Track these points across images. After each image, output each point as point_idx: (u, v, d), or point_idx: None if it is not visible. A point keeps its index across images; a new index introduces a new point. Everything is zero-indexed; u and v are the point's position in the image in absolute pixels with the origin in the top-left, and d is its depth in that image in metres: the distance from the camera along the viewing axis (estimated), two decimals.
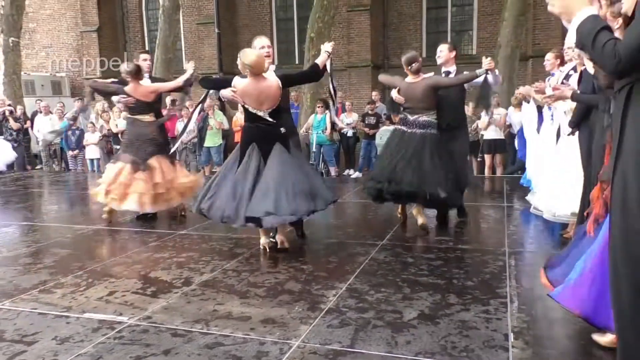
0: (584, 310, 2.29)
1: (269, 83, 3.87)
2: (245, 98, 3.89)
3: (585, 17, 1.70)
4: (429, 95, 4.55)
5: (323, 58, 4.08)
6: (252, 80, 3.84)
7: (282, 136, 3.95)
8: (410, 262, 3.76)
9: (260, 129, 3.93)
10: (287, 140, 3.99)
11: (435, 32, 15.90)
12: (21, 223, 5.47)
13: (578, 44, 1.75)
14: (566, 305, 2.37)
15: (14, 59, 13.74)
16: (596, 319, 2.27)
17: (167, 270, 3.72)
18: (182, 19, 16.43)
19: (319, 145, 9.89)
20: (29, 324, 2.82)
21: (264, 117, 3.90)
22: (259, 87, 3.84)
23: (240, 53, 3.80)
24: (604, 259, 2.21)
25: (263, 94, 3.86)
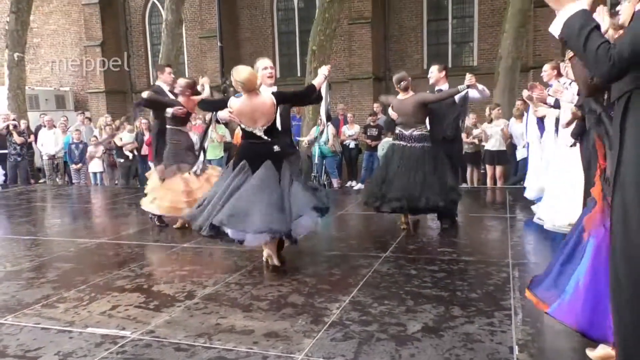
0: (580, 324, 2.29)
1: (262, 100, 3.85)
2: (240, 117, 3.87)
3: (575, 12, 1.69)
4: (418, 110, 4.99)
5: (320, 80, 4.13)
6: (245, 97, 3.83)
7: (274, 155, 3.87)
8: (413, 274, 3.74)
9: (254, 146, 3.91)
10: (280, 159, 3.90)
11: (436, 44, 15.99)
12: (24, 237, 5.48)
13: (563, 36, 1.74)
14: (563, 320, 2.37)
15: (18, 73, 13.87)
16: (592, 332, 2.27)
17: (169, 283, 3.72)
18: (185, 32, 16.59)
19: (321, 157, 9.91)
20: (32, 339, 2.82)
21: (259, 134, 3.86)
22: (252, 104, 3.82)
23: (233, 70, 3.81)
24: (595, 273, 2.21)
25: (257, 111, 3.83)
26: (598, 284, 2.22)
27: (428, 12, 15.80)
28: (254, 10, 17.01)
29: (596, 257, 2.24)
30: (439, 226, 5.22)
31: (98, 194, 9.39)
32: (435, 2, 15.82)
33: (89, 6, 17.70)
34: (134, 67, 18.73)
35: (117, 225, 6.33)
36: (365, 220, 6.09)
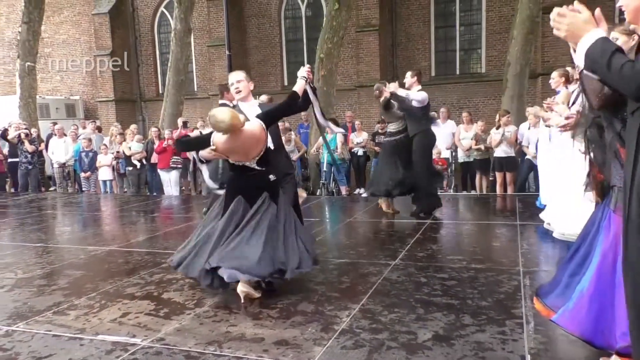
0: (584, 332, 2.27)
1: (251, 130, 3.41)
2: (230, 154, 3.48)
3: (595, 41, 1.68)
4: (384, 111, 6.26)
5: (300, 85, 3.82)
6: (232, 137, 3.36)
7: (271, 184, 3.58)
8: (423, 282, 3.73)
9: (248, 178, 3.55)
10: (276, 187, 3.64)
11: (443, 51, 16.01)
12: (35, 244, 5.52)
13: (588, 68, 1.73)
14: (567, 328, 2.35)
15: (29, 82, 14.04)
16: (596, 340, 2.25)
17: (179, 291, 3.73)
18: (194, 41, 16.74)
19: (330, 164, 9.91)
20: (44, 346, 2.84)
21: (251, 166, 3.50)
22: (242, 139, 3.39)
23: (209, 118, 3.28)
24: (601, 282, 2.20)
25: (249, 144, 3.44)
26: (603, 292, 2.20)
27: (436, 19, 15.84)
28: (262, 19, 17.15)
29: (602, 265, 2.22)
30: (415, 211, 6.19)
31: (108, 201, 9.45)
32: (442, 10, 15.86)
33: (99, 16, 17.93)
34: (143, 76, 18.90)
35: (127, 232, 6.37)
36: (374, 227, 6.08)
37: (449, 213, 7.00)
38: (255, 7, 17.17)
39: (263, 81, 17.12)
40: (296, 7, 17.12)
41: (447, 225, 6.06)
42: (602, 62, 1.62)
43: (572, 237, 4.20)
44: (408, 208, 6.46)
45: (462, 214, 7.14)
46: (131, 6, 18.49)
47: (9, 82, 18.89)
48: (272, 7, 17.05)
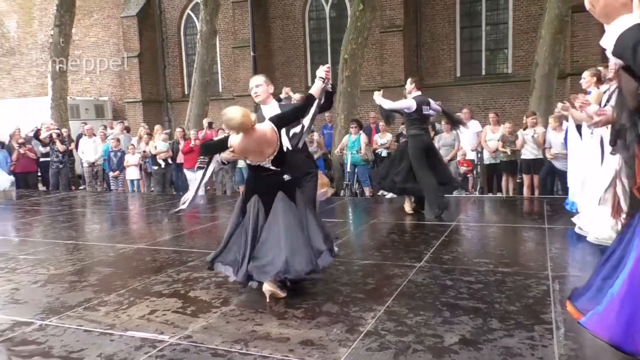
0: (613, 336, 2.21)
1: (262, 131, 3.49)
2: (246, 154, 3.57)
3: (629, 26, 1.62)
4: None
5: (317, 86, 3.80)
6: (245, 136, 3.47)
7: (286, 184, 3.61)
8: (449, 284, 3.69)
9: (263, 179, 3.61)
10: (292, 187, 3.66)
11: (469, 51, 15.82)
12: (66, 241, 5.65)
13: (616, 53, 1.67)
14: (595, 331, 2.29)
15: (60, 84, 14.39)
16: (625, 345, 2.19)
17: (206, 290, 3.77)
18: (219, 43, 16.91)
19: (353, 165, 9.90)
20: (75, 340, 2.90)
21: (266, 166, 3.56)
22: (255, 139, 3.47)
23: (223, 117, 3.43)
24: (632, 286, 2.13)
25: (262, 144, 3.50)
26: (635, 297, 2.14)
27: (461, 19, 15.66)
28: (286, 20, 17.22)
29: (635, 270, 2.16)
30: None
31: (135, 200, 9.63)
32: (468, 9, 15.67)
33: (128, 19, 18.28)
34: (169, 77, 19.19)
35: (154, 231, 6.47)
36: (399, 229, 6.05)
37: (474, 215, 6.92)
38: (280, 8, 17.26)
39: (287, 82, 17.12)
40: (320, 8, 17.15)
41: (472, 228, 5.99)
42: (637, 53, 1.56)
43: (606, 242, 4.11)
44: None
45: (488, 216, 7.05)
46: (158, 9, 18.79)
47: (41, 84, 19.41)
48: (296, 9, 17.11)
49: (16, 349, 2.83)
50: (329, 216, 6.92)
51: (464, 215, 6.77)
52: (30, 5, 20.23)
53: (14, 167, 11.05)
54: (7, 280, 4.17)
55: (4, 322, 3.22)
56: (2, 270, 4.47)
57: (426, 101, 6.29)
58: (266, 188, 3.61)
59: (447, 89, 15.60)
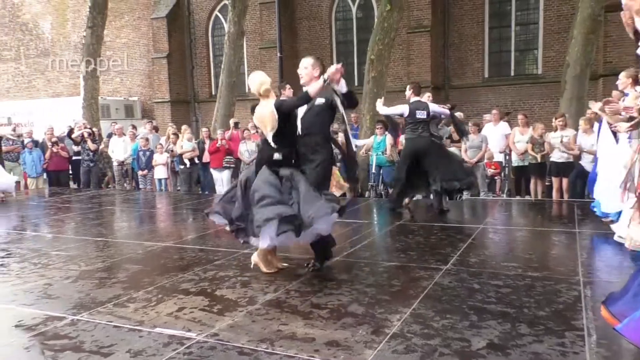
0: None
1: (265, 107, 3.99)
2: (257, 122, 4.13)
3: None
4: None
5: (317, 86, 3.91)
6: (262, 102, 4.05)
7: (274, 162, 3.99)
8: (476, 288, 3.64)
9: (264, 152, 4.12)
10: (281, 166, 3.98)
11: (497, 52, 15.60)
12: (97, 238, 5.78)
13: None
14: (630, 338, 2.22)
15: (92, 84, 14.75)
16: None
17: (232, 288, 3.80)
18: (246, 44, 17.06)
19: (379, 166, 9.85)
20: (105, 335, 2.96)
21: (268, 139, 4.02)
22: (260, 109, 4.04)
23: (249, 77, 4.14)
24: None
25: (261, 117, 4.02)
26: None
27: (490, 19, 15.45)
28: (313, 21, 17.27)
29: None
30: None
31: (162, 199, 9.78)
32: (497, 9, 15.45)
33: (157, 20, 18.62)
34: (197, 78, 19.45)
35: (180, 229, 6.56)
36: (425, 231, 5.98)
37: (501, 218, 6.81)
38: (307, 9, 17.31)
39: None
40: (347, 9, 17.14)
41: (500, 231, 5.89)
42: None
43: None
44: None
45: (516, 219, 6.92)
46: (187, 10, 19.07)
47: (73, 84, 19.92)
48: (323, 9, 17.14)
49: (49, 342, 2.90)
50: (354, 217, 6.91)
51: (491, 218, 6.66)
52: (64, 7, 20.79)
53: (46, 165, 11.37)
54: (40, 275, 4.28)
55: (37, 316, 3.31)
56: (35, 266, 4.59)
57: (422, 106, 6.61)
58: (260, 161, 4.11)
59: (475, 90, 15.41)
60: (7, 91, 21.80)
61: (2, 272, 4.45)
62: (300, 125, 4.14)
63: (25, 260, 4.82)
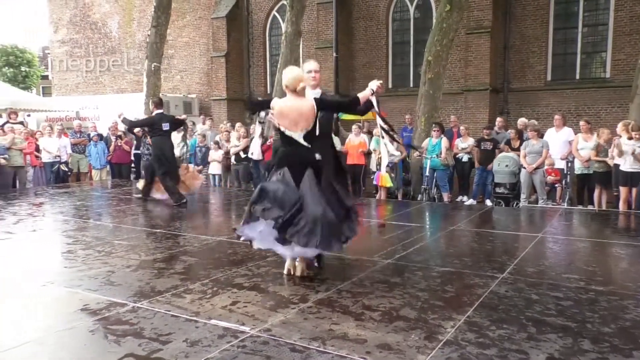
0: None
1: (304, 102, 3.85)
2: (281, 118, 3.87)
3: None
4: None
5: (366, 93, 3.97)
6: (289, 98, 3.87)
7: (316, 163, 3.85)
8: (535, 299, 3.51)
9: (295, 152, 3.88)
10: (321, 168, 3.87)
11: (562, 54, 14.96)
12: (156, 230, 6.01)
13: None
14: None
15: (154, 82, 15.32)
16: None
17: (284, 285, 3.85)
18: (302, 43, 17.18)
19: (433, 169, 9.70)
20: (164, 324, 3.07)
21: (298, 140, 3.85)
22: (294, 105, 3.84)
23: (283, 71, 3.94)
24: None
25: (299, 114, 3.82)
26: None
27: (555, 20, 14.83)
28: (369, 21, 17.19)
29: None
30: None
31: (216, 194, 10.03)
32: (563, 10, 14.81)
33: (217, 20, 19.10)
34: (253, 77, 19.81)
35: (234, 225, 6.70)
36: (479, 237, 5.84)
37: (562, 228, 6.54)
38: (364, 9, 17.25)
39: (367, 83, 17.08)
40: (405, 9, 16.94)
41: (560, 241, 5.66)
42: None
43: None
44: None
45: (578, 229, 6.63)
46: (246, 10, 19.46)
47: (136, 81, 20.77)
48: (380, 10, 17.03)
49: (112, 327, 3.04)
50: (406, 220, 6.83)
51: (551, 227, 6.41)
52: (131, 7, 21.70)
53: (110, 158, 11.94)
54: (104, 263, 4.50)
55: (100, 301, 3.48)
56: (99, 253, 4.83)
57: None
58: (297, 163, 3.87)
59: (536, 93, 14.86)
60: (77, 86, 23.01)
61: (69, 258, 4.71)
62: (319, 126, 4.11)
63: (90, 247, 5.08)
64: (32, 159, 11.10)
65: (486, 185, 9.84)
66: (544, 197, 8.84)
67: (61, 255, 4.90)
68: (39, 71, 32.45)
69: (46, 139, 11.38)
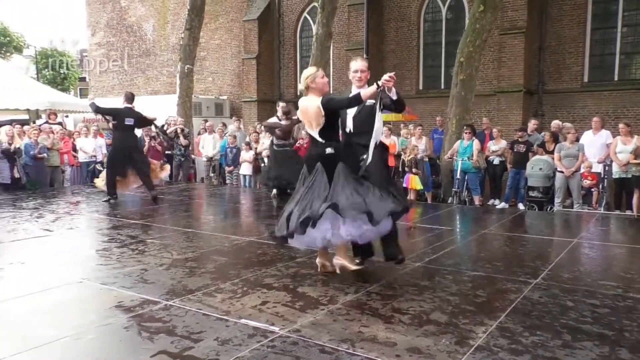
0: None
1: (311, 102, 3.96)
2: (301, 117, 4.09)
3: None
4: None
5: (370, 90, 3.86)
6: (304, 97, 4.06)
7: (326, 157, 3.90)
8: (570, 305, 3.43)
9: (312, 148, 4.07)
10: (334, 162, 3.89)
11: (599, 55, 14.53)
12: (187, 229, 6.11)
13: None
14: None
15: (187, 83, 15.57)
16: None
17: (313, 286, 3.87)
18: (332, 45, 17.20)
19: (464, 172, 9.56)
20: (195, 322, 3.13)
21: (315, 137, 3.97)
22: (305, 104, 4.00)
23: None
24: None
25: (307, 114, 3.98)
26: None
27: (593, 20, 14.42)
28: (401, 22, 17.08)
29: None
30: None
31: (246, 195, 10.14)
32: (602, 9, 14.39)
33: (249, 22, 19.31)
34: (283, 78, 19.94)
35: (264, 225, 6.76)
36: (512, 241, 5.73)
37: (598, 233, 6.36)
38: (395, 10, 17.15)
39: (398, 85, 16.73)
40: (437, 10, 16.78)
41: (597, 247, 5.50)
42: None
43: None
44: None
45: (615, 235, 6.43)
46: (277, 12, 19.62)
47: (169, 82, 21.19)
48: (411, 11, 16.91)
49: (145, 324, 3.11)
50: (436, 223, 6.76)
51: (587, 233, 6.24)
52: (165, 10, 22.16)
53: None
54: (138, 261, 4.61)
55: (135, 299, 3.56)
56: (133, 252, 4.95)
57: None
58: (311, 158, 4.03)
59: (572, 95, 14.48)
60: (112, 88, 23.64)
61: (105, 256, 4.84)
62: (352, 124, 4.17)
63: (125, 245, 5.21)
64: (70, 158, 11.45)
65: (519, 189, 9.64)
66: (580, 201, 8.61)
67: (96, 252, 5.04)
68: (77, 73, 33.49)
69: (83, 139, 11.73)
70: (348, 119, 4.21)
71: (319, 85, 4.07)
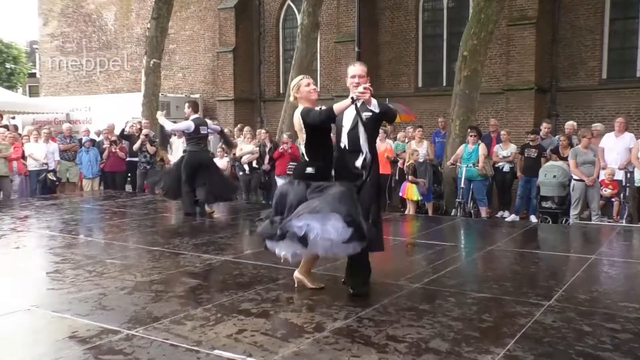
0: None
1: (297, 112, 4.24)
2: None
3: None
4: None
5: (344, 104, 4.01)
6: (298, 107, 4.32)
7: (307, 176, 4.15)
8: (587, 330, 3.48)
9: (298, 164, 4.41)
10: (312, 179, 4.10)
11: (619, 49, 14.81)
12: (152, 248, 6.09)
13: None
14: None
15: (153, 80, 15.57)
16: None
17: (297, 312, 3.88)
18: (320, 37, 17.33)
19: (469, 180, 9.64)
20: (162, 354, 3.12)
21: (302, 151, 4.24)
22: (295, 115, 4.27)
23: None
24: None
25: (294, 124, 4.29)
26: None
27: (612, 8, 14.71)
28: (397, 12, 17.26)
29: None
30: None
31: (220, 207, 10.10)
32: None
33: (225, 11, 19.39)
34: (264, 74, 19.99)
35: (239, 242, 6.77)
36: (522, 258, 5.80)
37: (620, 249, 6.46)
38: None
39: (394, 82, 17.22)
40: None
41: (617, 264, 5.59)
42: None
43: None
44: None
45: (638, 251, 6.54)
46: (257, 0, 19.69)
47: (133, 79, 21.17)
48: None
49: (104, 357, 3.09)
50: (437, 239, 6.81)
51: (607, 248, 6.33)
52: None
53: (103, 166, 12.08)
54: (95, 284, 4.58)
55: (91, 328, 3.54)
56: (90, 274, 4.92)
57: (204, 122, 8.40)
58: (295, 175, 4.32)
59: (589, 93, 14.73)
60: (67, 86, 23.54)
61: (57, 279, 4.81)
62: (347, 140, 4.26)
63: (80, 267, 5.17)
64: (20, 166, 11.24)
65: (530, 199, 9.77)
66: (599, 212, 8.74)
67: (47, 275, 4.99)
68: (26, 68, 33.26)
69: (32, 144, 11.60)
70: (343, 134, 4.28)
71: (303, 94, 4.25)
